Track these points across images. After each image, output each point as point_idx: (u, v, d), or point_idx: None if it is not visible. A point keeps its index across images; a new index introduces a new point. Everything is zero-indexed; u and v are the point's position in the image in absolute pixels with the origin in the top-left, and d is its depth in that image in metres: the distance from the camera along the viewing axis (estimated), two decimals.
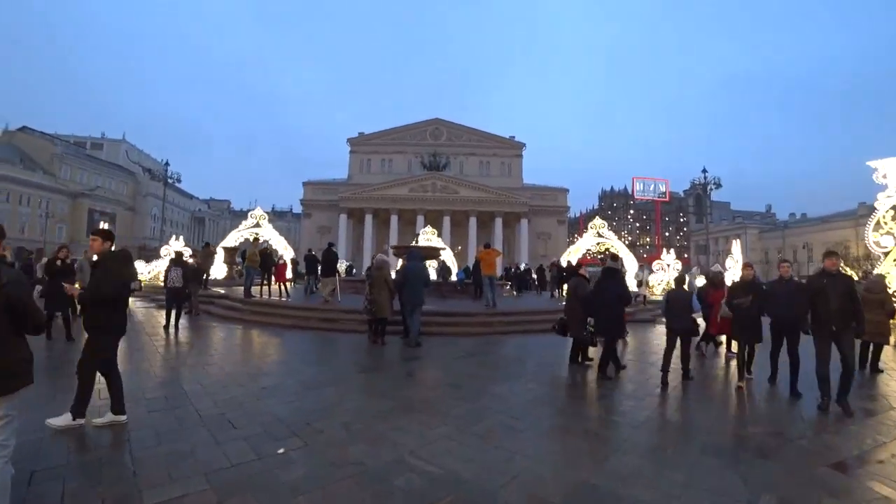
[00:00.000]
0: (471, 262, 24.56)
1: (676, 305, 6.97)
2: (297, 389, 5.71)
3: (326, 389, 5.76)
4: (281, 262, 17.88)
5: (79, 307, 11.54)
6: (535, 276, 26.85)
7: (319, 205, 63.21)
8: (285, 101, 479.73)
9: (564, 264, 22.07)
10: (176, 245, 27.47)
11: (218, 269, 27.46)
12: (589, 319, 7.52)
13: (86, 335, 4.54)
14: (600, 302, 7.11)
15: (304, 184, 66.04)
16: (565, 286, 21.34)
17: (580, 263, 9.02)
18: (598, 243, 26.37)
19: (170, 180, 45.39)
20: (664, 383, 6.40)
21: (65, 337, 8.58)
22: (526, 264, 29.76)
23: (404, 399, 5.46)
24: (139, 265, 25.85)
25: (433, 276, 25.40)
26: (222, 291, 16.84)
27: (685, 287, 7.46)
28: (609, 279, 7.26)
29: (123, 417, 4.48)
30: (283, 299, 14.58)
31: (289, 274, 26.50)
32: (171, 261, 11.48)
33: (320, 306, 12.55)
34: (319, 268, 16.39)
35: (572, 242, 43.16)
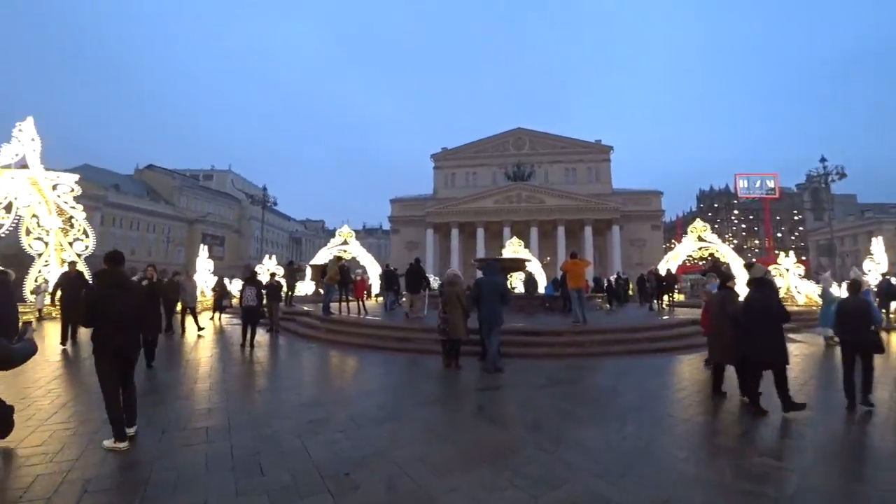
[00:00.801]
0: (560, 274, 23.06)
1: (853, 316, 5.66)
2: (347, 426, 4.95)
3: (379, 427, 4.95)
4: (359, 277, 17.62)
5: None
6: (632, 286, 24.69)
7: (407, 221, 64.31)
8: (374, 125, 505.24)
9: (663, 272, 19.92)
10: (269, 263, 28.82)
11: (307, 287, 28.41)
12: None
13: None
14: (754, 320, 5.65)
15: (392, 201, 67.59)
16: (665, 297, 19.43)
17: (728, 274, 7.59)
18: (699, 248, 23.71)
19: (268, 204, 48.61)
20: (851, 409, 5.47)
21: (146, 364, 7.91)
22: (623, 273, 27.43)
23: (468, 444, 4.47)
24: (237, 284, 27.33)
25: (519, 289, 24.27)
26: (306, 308, 16.92)
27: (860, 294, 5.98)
28: (761, 291, 5.80)
29: (133, 429, 4.55)
30: (361, 316, 14.19)
31: (375, 289, 26.83)
32: (245, 279, 11.46)
33: (396, 324, 11.95)
34: (403, 283, 16.12)
35: (669, 248, 39.83)
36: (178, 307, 14.48)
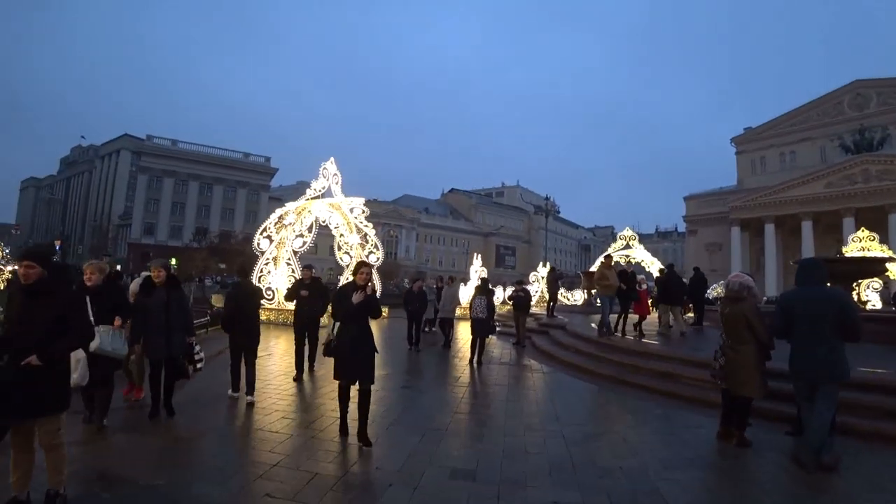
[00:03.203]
0: None
1: None
2: None
3: None
4: (642, 287, 13.37)
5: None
6: None
7: (705, 219, 55.36)
8: (666, 121, 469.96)
9: None
10: (542, 271, 27.81)
11: (577, 295, 26.44)
12: None
13: None
14: None
15: (686, 199, 59.49)
16: None
17: None
18: None
19: (551, 211, 48.66)
20: None
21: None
22: None
23: None
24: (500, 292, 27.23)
25: (874, 303, 16.66)
26: (565, 321, 14.80)
27: None
28: None
29: (250, 397, 5.98)
30: (632, 338, 10.41)
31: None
32: (476, 289, 10.17)
33: (657, 350, 8.72)
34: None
35: None
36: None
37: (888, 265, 16.79)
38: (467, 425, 5.48)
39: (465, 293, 18.34)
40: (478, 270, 24.69)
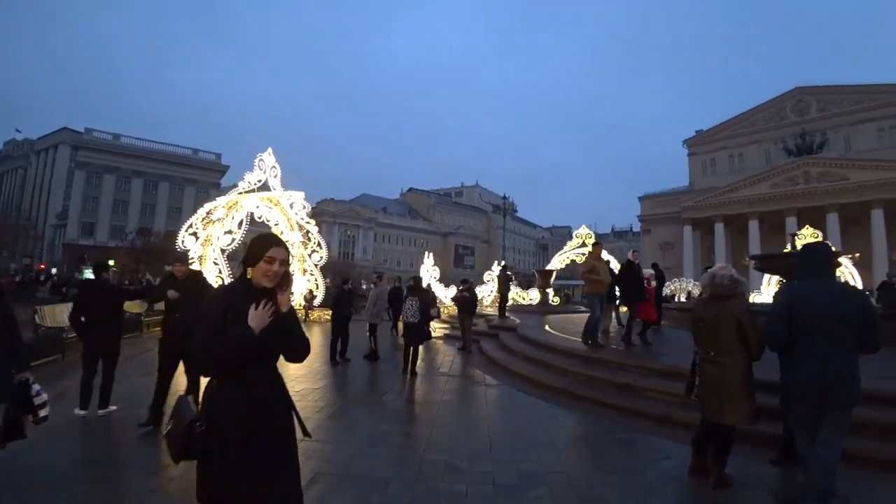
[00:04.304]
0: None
1: None
2: None
3: None
4: (651, 285, 10.46)
5: None
6: None
7: (659, 219, 56.32)
8: (622, 126, 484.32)
9: None
10: (496, 270, 26.86)
11: (533, 295, 25.61)
12: None
13: None
14: None
15: (641, 199, 60.45)
16: None
17: None
18: None
19: (508, 211, 47.92)
20: None
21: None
22: None
23: None
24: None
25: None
26: (517, 321, 13.68)
27: None
28: None
29: (104, 410, 5.25)
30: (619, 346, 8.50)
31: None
32: (409, 289, 8.91)
33: (614, 358, 7.65)
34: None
35: None
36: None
37: (840, 260, 16.60)
38: (373, 465, 4.16)
39: None
40: (429, 270, 23.26)
